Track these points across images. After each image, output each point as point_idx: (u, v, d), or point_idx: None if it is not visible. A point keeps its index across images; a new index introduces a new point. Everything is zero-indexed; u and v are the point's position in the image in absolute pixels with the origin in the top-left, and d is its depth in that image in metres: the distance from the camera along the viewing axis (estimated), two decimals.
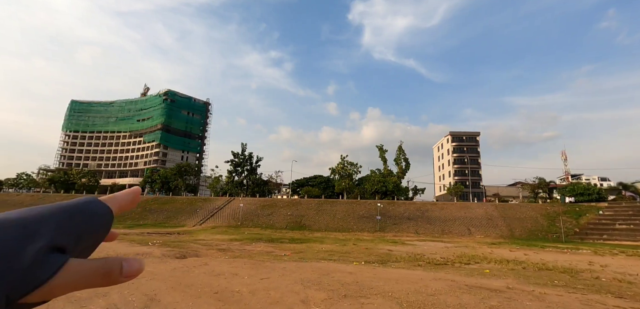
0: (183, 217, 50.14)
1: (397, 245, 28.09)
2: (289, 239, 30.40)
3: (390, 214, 49.58)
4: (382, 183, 64.17)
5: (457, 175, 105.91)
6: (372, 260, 16.03)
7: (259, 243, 25.63)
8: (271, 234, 36.35)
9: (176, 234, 33.13)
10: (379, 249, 23.78)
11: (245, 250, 19.90)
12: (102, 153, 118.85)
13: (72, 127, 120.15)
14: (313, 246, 23.78)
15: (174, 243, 21.71)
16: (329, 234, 40.44)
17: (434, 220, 47.58)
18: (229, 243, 24.68)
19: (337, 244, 27.27)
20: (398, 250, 22.94)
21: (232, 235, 32.91)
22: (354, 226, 46.06)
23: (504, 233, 43.38)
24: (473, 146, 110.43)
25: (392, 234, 42.46)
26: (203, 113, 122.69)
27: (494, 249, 26.61)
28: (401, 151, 71.54)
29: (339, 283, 9.34)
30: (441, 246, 28.35)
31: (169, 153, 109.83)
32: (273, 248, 21.95)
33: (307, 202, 55.20)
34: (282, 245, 24.67)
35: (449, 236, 41.42)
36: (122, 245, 19.10)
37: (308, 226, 45.53)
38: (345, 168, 68.44)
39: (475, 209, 51.35)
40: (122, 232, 31.81)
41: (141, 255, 15.12)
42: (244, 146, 69.59)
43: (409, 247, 26.69)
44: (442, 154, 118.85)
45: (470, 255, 20.17)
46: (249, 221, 47.61)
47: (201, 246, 20.73)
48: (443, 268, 14.01)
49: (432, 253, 21.42)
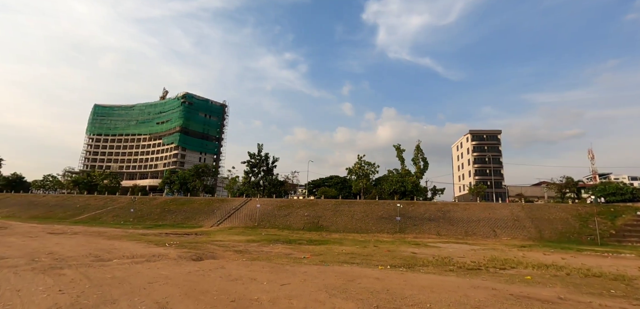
0: (201, 218, 50.31)
1: (420, 247, 26.78)
2: (306, 241, 29.62)
3: (410, 215, 48.00)
4: (400, 183, 62.47)
5: (478, 175, 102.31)
6: (398, 264, 14.97)
7: (276, 245, 24.97)
8: (288, 235, 35.68)
9: (194, 234, 33.00)
10: (402, 251, 22.62)
11: (263, 252, 19.23)
12: (123, 155, 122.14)
13: (95, 130, 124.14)
14: (332, 248, 22.87)
15: (191, 243, 21.32)
16: (347, 236, 39.40)
17: (456, 221, 45.67)
18: (246, 244, 24.14)
19: (357, 246, 26.26)
20: (423, 253, 21.71)
21: (249, 236, 32.47)
22: (373, 227, 44.79)
23: (532, 235, 41.04)
24: (494, 144, 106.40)
25: (413, 235, 40.95)
26: (220, 115, 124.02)
27: (526, 252, 24.89)
28: (419, 151, 69.49)
29: (368, 291, 8.40)
30: (467, 249, 26.84)
31: (187, 155, 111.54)
32: (291, 249, 21.20)
33: (324, 203, 54.33)
34: (300, 247, 23.91)
35: (473, 238, 39.54)
36: (139, 246, 18.85)
37: (325, 227, 44.63)
38: (363, 168, 67.11)
39: (500, 210, 48.99)
40: (141, 232, 31.97)
41: (157, 256, 14.68)
42: (260, 146, 69.55)
43: (433, 249, 25.36)
44: (461, 153, 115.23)
45: (503, 259, 18.72)
46: (265, 221, 47.20)
47: (218, 247, 20.22)
48: (478, 274, 12.79)
49: (459, 256, 20.07)
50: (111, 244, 18.98)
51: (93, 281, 8.87)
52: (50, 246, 17.19)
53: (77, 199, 63.78)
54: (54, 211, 56.39)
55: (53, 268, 10.77)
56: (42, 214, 55.10)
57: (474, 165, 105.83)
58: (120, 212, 54.11)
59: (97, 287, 8.13)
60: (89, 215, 53.10)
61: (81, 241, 20.11)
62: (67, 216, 53.25)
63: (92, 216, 52.66)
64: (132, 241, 21.67)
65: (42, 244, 17.89)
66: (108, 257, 14.14)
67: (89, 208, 57.09)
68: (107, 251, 16.15)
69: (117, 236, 24.79)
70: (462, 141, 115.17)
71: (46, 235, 23.77)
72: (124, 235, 26.50)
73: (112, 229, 34.72)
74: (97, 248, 17.07)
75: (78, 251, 15.44)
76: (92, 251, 15.70)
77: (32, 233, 24.94)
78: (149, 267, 11.51)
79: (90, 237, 23.46)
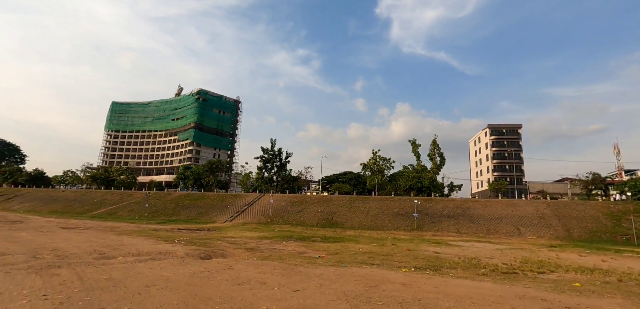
0: (214, 213, 50.02)
1: (442, 246, 25.21)
2: (321, 238, 28.50)
3: (427, 211, 46.18)
4: (417, 178, 60.50)
5: (497, 171, 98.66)
6: (422, 265, 13.61)
7: (289, 242, 23.96)
8: (302, 232, 34.68)
9: (206, 230, 32.45)
10: (423, 250, 21.17)
11: (275, 250, 18.21)
12: (140, 151, 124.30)
13: (113, 127, 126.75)
14: (348, 246, 21.65)
15: (201, 240, 20.53)
16: (363, 233, 38.09)
17: (477, 218, 43.58)
18: (258, 241, 23.22)
19: (374, 244, 24.94)
20: (446, 253, 20.20)
21: (262, 232, 31.63)
22: (389, 223, 43.28)
23: (559, 234, 38.62)
24: (514, 139, 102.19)
25: (431, 233, 39.24)
26: (234, 111, 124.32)
27: (559, 253, 22.96)
28: (435, 145, 67.24)
29: (395, 301, 7.14)
30: (492, 248, 25.09)
31: (202, 151, 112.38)
32: (305, 247, 20.10)
33: (338, 199, 53.10)
34: (314, 244, 22.80)
35: (496, 237, 37.49)
36: (148, 242, 18.17)
37: (340, 224, 43.43)
38: (377, 163, 65.42)
39: (524, 207, 46.49)
40: (153, 227, 31.62)
41: (163, 254, 13.84)
42: (273, 142, 68.77)
43: (455, 248, 23.77)
44: (479, 148, 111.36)
45: (536, 261, 17.04)
46: (279, 217, 46.41)
47: (228, 244, 19.34)
48: (516, 279, 11.31)
49: (487, 256, 18.49)
50: (120, 240, 18.38)
51: (86, 283, 7.96)
52: (57, 241, 16.68)
53: (94, 194, 64.86)
54: (72, 206, 57.42)
55: (50, 267, 9.99)
56: (61, 208, 56.17)
57: (492, 160, 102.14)
58: (136, 207, 54.51)
59: (87, 291, 7.20)
60: (105, 210, 53.73)
61: (90, 237, 19.63)
62: (85, 210, 54.06)
63: (108, 210, 53.25)
64: (141, 236, 21.09)
65: (50, 239, 17.43)
66: (113, 254, 13.40)
67: (105, 203, 57.85)
68: (114, 247, 15.48)
69: (128, 231, 24.35)
70: (480, 135, 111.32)
71: (58, 230, 23.54)
72: (136, 230, 26.08)
73: (126, 224, 34.61)
74: (104, 244, 16.44)
75: (83, 248, 14.79)
76: (99, 248, 15.04)
77: (45, 227, 24.81)
78: (152, 267, 10.60)
79: (101, 232, 23.07)
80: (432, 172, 63.74)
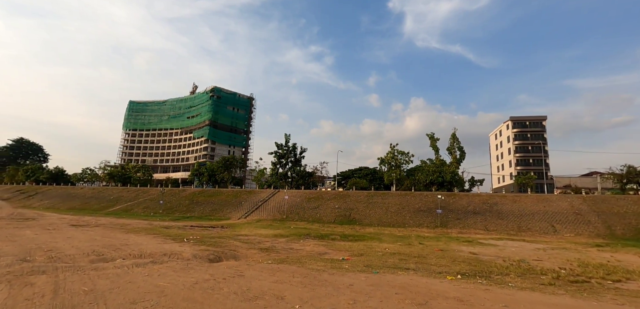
0: (228, 209, 48.93)
1: (475, 245, 22.84)
2: (340, 235, 26.59)
3: (451, 207, 43.48)
4: (438, 173, 57.64)
5: (520, 165, 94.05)
6: (466, 271, 11.48)
7: (307, 240, 22.16)
8: (319, 229, 32.88)
9: (219, 227, 31.09)
10: (456, 251, 18.94)
11: (293, 250, 16.42)
12: (157, 149, 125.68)
13: (131, 125, 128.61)
14: (373, 246, 19.64)
15: (212, 239, 18.98)
16: (383, 230, 35.94)
17: (505, 215, 40.60)
18: (273, 239, 21.53)
19: (399, 243, 22.83)
20: (484, 254, 17.90)
21: (277, 230, 29.99)
22: (410, 220, 40.88)
23: (600, 231, 35.27)
24: (538, 131, 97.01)
25: (457, 230, 36.65)
26: (247, 108, 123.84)
27: (613, 254, 20.18)
28: (455, 139, 64.18)
29: None
30: (531, 248, 22.52)
31: (217, 148, 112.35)
32: (325, 247, 18.23)
33: (355, 195, 51.01)
34: (334, 243, 20.91)
35: (529, 234, 34.56)
36: (154, 241, 16.75)
37: (358, 220, 41.38)
38: (395, 158, 62.87)
39: (557, 202, 43.09)
40: (165, 225, 30.52)
41: (168, 256, 12.26)
42: (287, 137, 67.17)
43: (491, 248, 21.38)
44: (500, 142, 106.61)
45: (595, 264, 14.54)
46: (294, 214, 44.80)
47: (241, 243, 17.69)
48: (593, 290, 9.05)
49: (533, 258, 16.11)
50: (126, 239, 17.04)
51: (58, 297, 6.33)
52: (59, 240, 15.45)
53: (111, 191, 65.19)
54: (89, 203, 57.70)
55: (30, 273, 8.50)
56: (78, 205, 56.51)
57: (515, 154, 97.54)
58: (150, 204, 54.14)
59: None
60: (121, 207, 53.59)
61: (96, 235, 18.41)
62: (101, 207, 54.11)
63: (123, 207, 53.07)
64: (150, 235, 19.75)
65: (51, 238, 16.24)
66: (112, 256, 11.91)
67: (121, 200, 57.84)
68: (116, 247, 14.05)
69: (138, 229, 23.14)
70: (501, 128, 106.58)
71: (66, 228, 22.58)
72: (146, 228, 24.89)
73: (138, 221, 33.72)
74: (107, 244, 15.06)
75: (83, 248, 13.41)
76: (99, 248, 13.64)
77: (53, 225, 23.94)
78: (149, 273, 8.94)
79: (109, 230, 21.94)
80: (453, 167, 60.77)
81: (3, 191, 72.80)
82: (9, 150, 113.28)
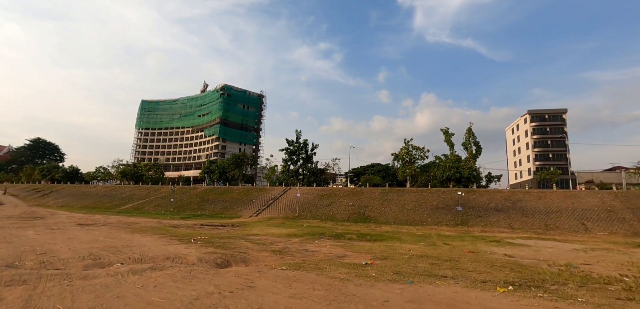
0: (239, 207, 47.95)
1: (505, 246, 20.95)
2: (356, 234, 25.04)
3: (471, 204, 41.32)
4: (455, 169, 55.36)
5: (539, 160, 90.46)
6: (513, 279, 9.78)
7: (322, 240, 20.70)
8: (333, 228, 31.39)
9: (230, 226, 29.97)
10: (487, 253, 17.15)
11: (308, 252, 14.97)
12: (169, 148, 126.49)
13: (143, 124, 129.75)
14: (394, 247, 18.02)
15: (221, 240, 17.71)
16: (400, 228, 34.19)
17: (531, 212, 38.23)
18: (286, 239, 20.16)
19: (422, 243, 21.13)
20: (520, 256, 16.07)
21: (290, 228, 28.64)
22: (428, 218, 38.94)
23: (637, 230, 32.63)
24: (558, 125, 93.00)
25: (480, 228, 34.56)
26: (258, 106, 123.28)
27: None
28: (471, 134, 61.62)
29: None
30: (569, 249, 20.48)
31: (228, 146, 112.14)
32: (343, 248, 16.72)
33: (369, 192, 49.28)
34: (352, 244, 19.38)
35: (559, 233, 32.21)
36: (160, 242, 15.57)
37: (373, 218, 39.69)
38: (410, 153, 60.77)
39: (586, 199, 40.38)
40: (175, 223, 29.58)
41: (170, 260, 10.98)
42: (298, 133, 65.79)
43: (524, 249, 19.46)
44: (517, 136, 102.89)
45: None
46: (306, 211, 43.43)
47: (252, 244, 16.35)
48: None
49: (583, 262, 14.22)
50: (129, 240, 15.92)
51: None
52: (58, 242, 14.41)
53: (123, 189, 65.23)
54: (102, 201, 57.72)
55: (8, 284, 7.33)
56: (91, 204, 56.57)
57: (533, 149, 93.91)
58: (162, 202, 53.69)
59: None
60: (132, 205, 53.31)
61: (100, 235, 17.38)
62: (113, 205, 53.97)
63: (135, 205, 52.77)
64: (156, 235, 18.62)
65: (51, 239, 15.24)
66: (109, 260, 10.70)
67: (133, 198, 57.65)
68: (116, 249, 12.89)
69: (145, 229, 22.12)
70: (518, 123, 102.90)
71: (72, 227, 21.73)
72: (154, 227, 23.89)
73: (147, 219, 32.92)
74: (108, 245, 13.93)
75: (80, 251, 12.27)
76: (98, 250, 12.48)
77: (59, 224, 23.18)
78: (145, 283, 7.61)
79: (114, 230, 20.96)
80: (471, 163, 58.33)
81: (20, 190, 73.93)
82: (27, 150, 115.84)
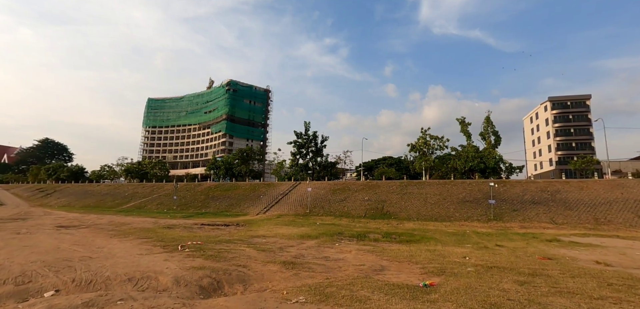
0: (246, 204, 44.57)
1: (566, 246, 16.87)
2: (381, 234, 21.19)
3: (502, 196, 37.02)
4: (479, 159, 50.93)
5: (561, 149, 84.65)
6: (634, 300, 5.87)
7: (342, 242, 16.96)
8: (351, 226, 27.62)
9: (234, 225, 26.48)
10: (561, 257, 13.16)
11: (330, 261, 11.22)
12: (177, 145, 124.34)
13: (150, 122, 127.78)
14: (439, 251, 14.13)
15: (219, 243, 14.11)
16: (426, 225, 30.23)
17: (574, 204, 33.73)
18: (299, 242, 16.49)
19: (467, 244, 17.17)
20: (613, 262, 12.04)
21: (302, 227, 24.95)
22: (456, 213, 34.80)
23: None
24: (582, 112, 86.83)
25: (518, 224, 30.33)
26: (264, 101, 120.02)
27: None
28: (489, 123, 57.08)
29: None
30: None
31: (234, 142, 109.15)
32: (373, 254, 12.93)
33: (386, 185, 45.27)
34: (381, 247, 15.55)
35: (613, 228, 27.75)
36: (134, 251, 12.05)
37: (393, 214, 35.74)
38: (428, 143, 56.48)
39: (636, 189, 35.65)
40: (172, 223, 26.20)
41: (135, 282, 7.40)
42: (307, 125, 61.94)
43: (598, 251, 15.40)
44: (536, 125, 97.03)
45: None
46: (318, 208, 39.75)
47: (257, 252, 12.67)
48: None
49: None
50: (99, 249, 12.47)
51: None
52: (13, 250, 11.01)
53: (126, 187, 62.69)
54: (104, 200, 55.15)
55: None
56: (93, 203, 54.05)
57: (555, 138, 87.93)
58: (165, 199, 50.73)
59: None
60: (134, 203, 50.51)
61: (68, 242, 14.00)
62: (115, 204, 51.28)
63: (137, 204, 49.94)
64: (138, 240, 15.14)
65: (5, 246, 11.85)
66: (41, 285, 7.20)
67: (136, 197, 54.91)
68: (69, 265, 9.43)
69: (130, 232, 18.72)
70: (537, 111, 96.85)
71: (47, 231, 18.50)
72: (143, 229, 20.49)
73: (143, 219, 29.67)
74: (63, 258, 10.50)
75: (18, 266, 8.82)
76: (40, 267, 9.04)
77: (32, 227, 19.97)
78: None
79: (94, 233, 17.62)
80: (494, 153, 53.79)
81: (24, 190, 72.29)
82: (36, 150, 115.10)
